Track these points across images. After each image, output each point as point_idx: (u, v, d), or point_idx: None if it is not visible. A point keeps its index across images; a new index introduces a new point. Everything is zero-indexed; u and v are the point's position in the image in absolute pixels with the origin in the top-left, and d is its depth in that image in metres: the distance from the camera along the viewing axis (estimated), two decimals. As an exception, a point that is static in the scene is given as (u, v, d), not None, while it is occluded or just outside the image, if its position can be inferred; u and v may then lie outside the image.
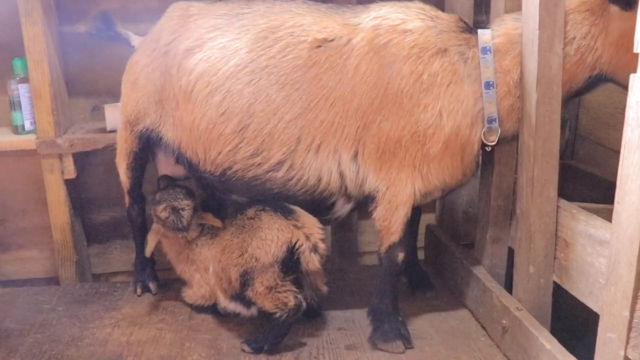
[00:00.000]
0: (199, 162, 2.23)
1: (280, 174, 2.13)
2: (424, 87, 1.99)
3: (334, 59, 2.04)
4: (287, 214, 2.17)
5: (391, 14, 2.05)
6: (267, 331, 2.16)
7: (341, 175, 2.11)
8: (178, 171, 2.46)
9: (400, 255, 2.16)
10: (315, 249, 2.14)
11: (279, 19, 2.12)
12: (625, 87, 1.92)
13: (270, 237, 2.12)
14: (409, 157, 2.05)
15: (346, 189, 2.14)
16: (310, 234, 2.14)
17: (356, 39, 2.04)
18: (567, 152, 2.86)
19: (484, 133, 2.05)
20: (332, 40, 2.05)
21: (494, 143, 2.08)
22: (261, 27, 2.11)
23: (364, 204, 2.21)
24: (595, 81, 2.02)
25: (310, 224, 2.17)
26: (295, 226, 2.14)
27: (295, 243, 2.11)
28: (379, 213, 2.12)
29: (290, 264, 2.12)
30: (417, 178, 2.07)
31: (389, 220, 2.11)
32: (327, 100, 2.04)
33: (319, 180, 2.12)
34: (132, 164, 2.47)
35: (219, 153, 2.16)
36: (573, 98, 2.20)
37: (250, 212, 2.24)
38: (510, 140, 2.16)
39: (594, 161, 2.70)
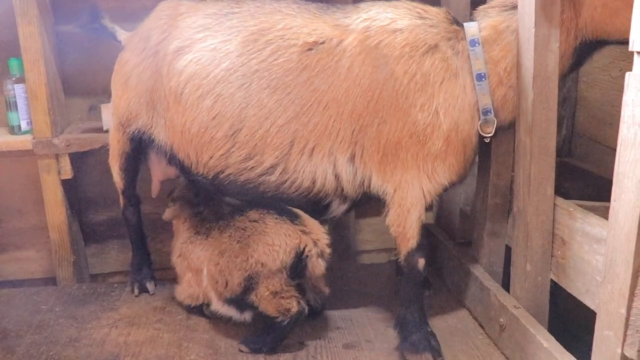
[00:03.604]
0: (191, 165, 2.22)
1: (273, 177, 2.11)
2: (418, 86, 1.97)
3: (325, 62, 2.02)
4: (293, 218, 2.14)
5: (380, 14, 2.04)
6: (266, 333, 2.15)
7: (337, 177, 2.09)
8: (170, 172, 2.46)
9: (421, 262, 2.10)
10: (322, 254, 2.13)
11: (269, 20, 2.09)
12: (609, 40, 1.95)
13: (278, 242, 2.08)
14: (411, 158, 2.02)
15: (342, 190, 2.12)
16: (317, 240, 2.12)
17: (347, 40, 2.02)
18: (564, 149, 2.86)
19: (480, 125, 2.04)
20: (323, 42, 2.03)
21: (491, 134, 2.06)
22: (251, 29, 2.09)
23: (360, 204, 2.20)
24: (582, 51, 2.02)
25: (317, 229, 2.15)
26: (303, 232, 2.11)
27: (304, 249, 2.08)
28: (391, 219, 2.09)
29: (297, 269, 2.10)
30: (424, 178, 2.04)
31: (403, 226, 2.07)
32: (320, 104, 2.03)
33: (314, 182, 2.10)
34: (125, 165, 2.46)
35: (211, 157, 2.14)
36: (569, 74, 2.18)
37: (253, 214, 2.19)
38: (507, 129, 2.14)
39: (590, 159, 2.70)
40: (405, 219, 2.07)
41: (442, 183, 2.07)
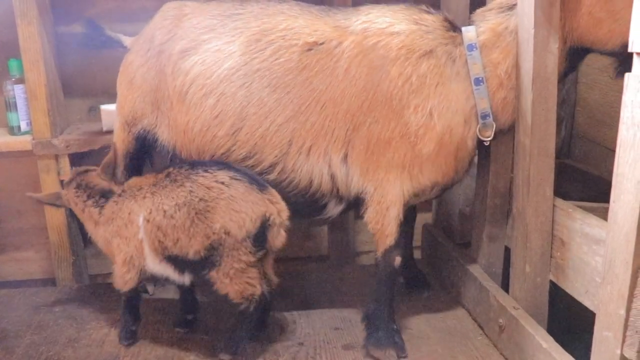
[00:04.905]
0: None
1: (272, 176, 2.13)
2: (413, 88, 1.99)
3: (324, 62, 2.04)
4: (262, 187, 2.06)
5: (379, 17, 2.07)
6: (236, 329, 2.10)
7: (332, 177, 2.11)
8: None
9: (397, 259, 2.15)
10: (283, 225, 2.07)
11: (272, 21, 2.12)
12: (593, 49, 1.96)
13: (245, 210, 2.00)
14: (397, 158, 2.05)
15: (338, 190, 2.14)
16: (281, 210, 2.06)
17: (346, 42, 2.05)
18: (563, 150, 2.87)
19: (479, 129, 2.06)
20: (323, 43, 2.06)
21: (490, 138, 2.08)
22: (254, 29, 2.12)
23: (355, 205, 2.21)
24: (573, 56, 2.01)
25: (280, 199, 2.08)
26: (270, 201, 2.05)
27: (269, 218, 2.02)
28: (369, 216, 2.12)
29: (259, 240, 2.02)
30: (406, 179, 2.07)
31: (382, 223, 2.11)
32: (318, 103, 2.05)
33: (311, 182, 2.12)
34: (129, 165, 2.46)
35: (213, 155, 2.17)
36: (564, 78, 2.17)
37: (222, 175, 2.05)
38: (507, 132, 2.15)
39: (590, 160, 2.71)
40: (384, 217, 2.10)
41: (424, 184, 2.10)
